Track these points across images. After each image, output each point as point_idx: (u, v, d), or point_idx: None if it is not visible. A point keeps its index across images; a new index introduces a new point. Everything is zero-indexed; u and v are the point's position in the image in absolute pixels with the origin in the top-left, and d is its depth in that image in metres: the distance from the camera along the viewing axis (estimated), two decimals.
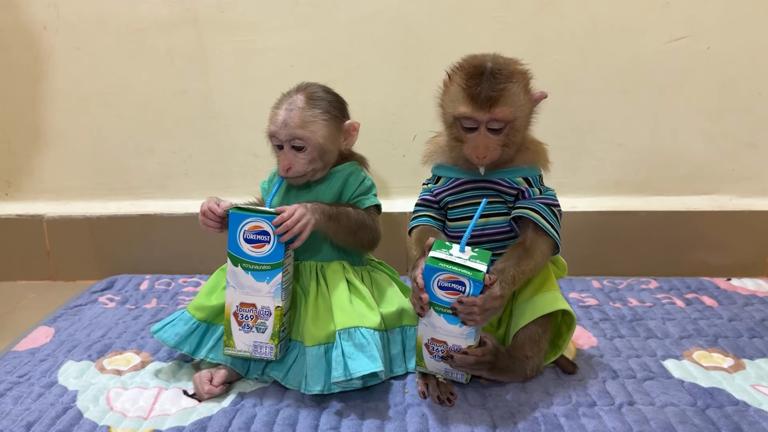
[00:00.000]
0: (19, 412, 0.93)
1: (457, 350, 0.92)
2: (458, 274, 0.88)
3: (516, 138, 0.97)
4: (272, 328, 0.96)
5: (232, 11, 1.43)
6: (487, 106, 0.92)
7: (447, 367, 0.94)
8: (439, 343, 0.93)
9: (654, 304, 1.30)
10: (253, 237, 0.95)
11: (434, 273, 0.89)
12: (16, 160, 1.56)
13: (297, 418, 0.91)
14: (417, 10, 1.41)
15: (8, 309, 1.40)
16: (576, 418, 0.90)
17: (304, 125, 1.01)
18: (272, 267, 0.95)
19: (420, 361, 0.96)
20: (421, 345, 0.95)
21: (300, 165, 1.02)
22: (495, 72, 0.92)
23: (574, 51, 1.42)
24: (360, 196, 1.08)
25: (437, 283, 0.89)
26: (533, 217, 0.96)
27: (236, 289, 0.97)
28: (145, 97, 1.50)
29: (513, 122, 0.94)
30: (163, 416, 0.92)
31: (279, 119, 1.01)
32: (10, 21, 1.46)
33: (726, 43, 1.40)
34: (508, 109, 0.93)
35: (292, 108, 1.01)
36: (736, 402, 0.94)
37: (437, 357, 0.94)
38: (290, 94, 1.04)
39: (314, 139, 1.01)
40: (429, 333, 0.93)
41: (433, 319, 0.92)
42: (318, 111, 1.02)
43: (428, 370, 0.96)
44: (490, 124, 0.94)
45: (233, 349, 0.98)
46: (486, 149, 0.95)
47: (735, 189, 1.49)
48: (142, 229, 1.53)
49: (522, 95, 0.94)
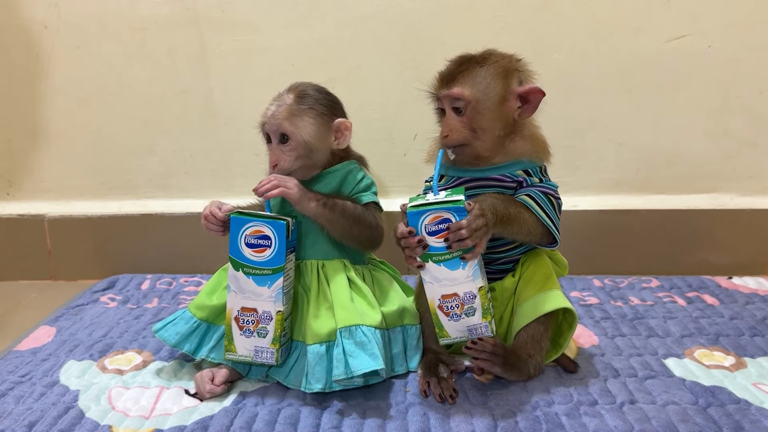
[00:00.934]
0: (21, 412, 0.93)
1: (471, 298, 0.91)
2: (440, 209, 0.88)
3: (482, 124, 0.96)
4: (273, 332, 0.96)
5: (232, 11, 1.43)
6: (446, 83, 0.96)
7: (469, 324, 0.93)
8: (451, 298, 0.92)
9: (655, 302, 1.30)
10: (254, 241, 0.95)
11: (419, 217, 0.89)
12: (17, 159, 1.56)
13: (298, 417, 0.91)
14: (417, 9, 1.41)
15: (9, 308, 1.40)
16: (577, 417, 0.90)
17: (290, 118, 1.01)
18: (273, 271, 0.95)
19: (441, 332, 0.94)
20: (435, 312, 0.93)
21: (286, 161, 1.02)
22: (468, 57, 0.96)
23: (575, 50, 1.42)
24: (357, 193, 1.07)
25: (425, 229, 0.89)
26: (526, 201, 0.95)
27: (237, 293, 0.97)
28: (145, 96, 1.50)
29: (473, 103, 0.94)
30: (165, 415, 0.92)
31: (268, 112, 1.03)
32: (11, 20, 1.46)
33: (727, 42, 1.40)
34: (467, 88, 0.94)
35: (281, 103, 1.03)
36: (737, 400, 0.94)
37: (455, 316, 0.93)
38: (283, 92, 1.06)
39: (298, 134, 1.01)
40: (437, 291, 0.92)
41: (435, 272, 0.91)
42: (305, 107, 1.02)
43: (452, 338, 0.94)
44: (452, 103, 0.96)
45: (234, 353, 0.98)
46: (449, 129, 0.96)
47: (736, 187, 1.49)
48: (143, 229, 1.53)
49: (491, 80, 0.95)
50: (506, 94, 0.96)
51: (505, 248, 1.02)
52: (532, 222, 0.95)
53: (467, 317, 0.92)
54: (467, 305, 0.92)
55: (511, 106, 0.97)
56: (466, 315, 0.92)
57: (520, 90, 0.96)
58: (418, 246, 0.90)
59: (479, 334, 0.94)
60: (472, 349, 0.95)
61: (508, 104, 0.97)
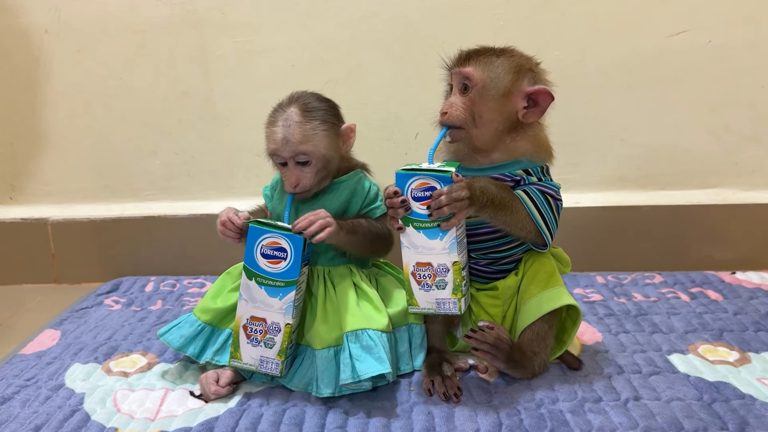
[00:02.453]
0: (27, 415, 0.93)
1: (443, 271, 0.92)
2: (428, 176, 0.89)
3: (483, 111, 0.95)
4: (280, 344, 0.96)
5: (232, 12, 1.43)
6: (461, 61, 0.96)
7: (438, 298, 0.93)
8: (425, 267, 0.92)
9: (658, 298, 1.30)
10: (270, 252, 0.95)
11: (406, 180, 0.90)
12: (19, 163, 1.56)
13: (303, 417, 0.91)
14: (417, 7, 1.41)
15: (14, 312, 1.40)
16: (582, 414, 0.90)
17: (306, 140, 0.98)
18: (286, 284, 0.95)
19: (410, 299, 0.95)
20: (408, 279, 0.94)
21: (306, 179, 1.01)
22: (488, 47, 0.98)
23: (575, 47, 1.41)
24: (370, 206, 1.07)
25: (411, 193, 0.90)
26: (521, 196, 0.95)
27: (248, 302, 0.96)
28: (147, 98, 1.50)
29: (479, 86, 0.94)
30: (170, 417, 0.93)
31: (278, 137, 0.98)
32: (12, 24, 1.46)
33: (727, 37, 1.39)
34: (479, 71, 0.95)
35: (289, 123, 0.98)
36: (742, 396, 0.94)
37: (425, 286, 0.93)
38: (283, 108, 1.00)
39: (317, 151, 0.99)
40: (413, 258, 0.93)
41: (413, 238, 0.92)
42: (316, 122, 0.99)
43: (420, 308, 0.95)
44: (461, 81, 0.96)
45: (239, 361, 0.97)
46: (449, 105, 0.96)
47: (738, 182, 1.49)
48: (146, 231, 1.53)
49: (502, 71, 0.95)
50: (513, 90, 0.96)
51: (507, 247, 1.02)
52: (525, 216, 0.95)
53: (437, 289, 0.93)
54: (439, 277, 0.92)
55: (516, 103, 0.96)
56: (436, 287, 0.93)
57: (528, 89, 0.96)
58: (401, 207, 0.90)
59: (447, 310, 0.94)
60: (473, 339, 0.96)
61: (513, 100, 0.96)
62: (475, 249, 1.01)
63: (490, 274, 1.04)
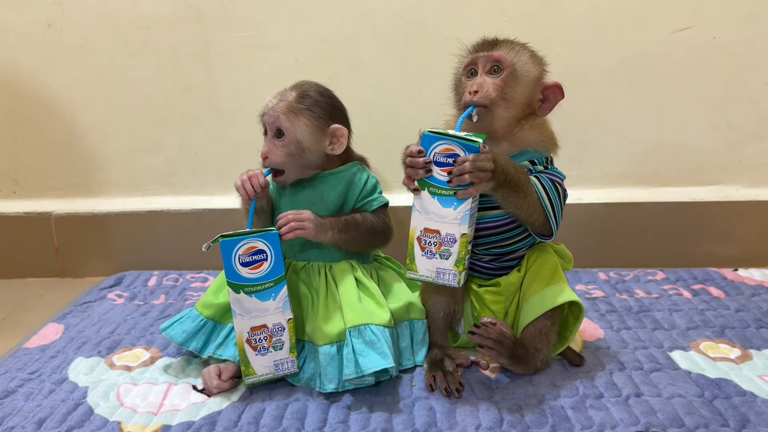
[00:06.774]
0: (31, 409, 0.94)
1: (451, 241, 0.91)
2: (455, 142, 0.88)
3: (514, 93, 0.95)
4: (289, 341, 0.97)
5: (235, 7, 1.43)
6: (488, 46, 0.97)
7: (439, 267, 0.92)
8: (432, 234, 0.92)
9: (660, 295, 1.30)
10: (249, 259, 0.94)
11: (432, 142, 0.89)
12: (23, 158, 1.57)
13: (306, 412, 0.92)
14: (420, 3, 1.40)
15: (18, 306, 1.41)
16: (583, 410, 0.90)
17: (287, 114, 1.01)
18: (275, 282, 0.95)
19: (410, 264, 0.94)
20: (413, 243, 0.93)
21: (277, 155, 1.02)
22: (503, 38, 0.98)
23: (578, 43, 1.41)
24: (366, 198, 1.08)
25: (434, 156, 0.89)
26: (534, 183, 0.95)
27: (243, 316, 0.95)
28: (150, 93, 1.50)
29: (511, 69, 0.94)
30: (173, 411, 0.93)
31: (269, 104, 1.04)
32: (15, 19, 1.46)
33: (731, 34, 1.39)
34: (511, 55, 0.95)
35: (282, 99, 1.03)
36: (743, 393, 0.94)
37: (429, 253, 0.92)
38: (287, 89, 1.06)
39: (293, 131, 1.01)
40: (422, 222, 0.92)
41: (427, 203, 0.91)
42: (303, 107, 1.02)
43: (419, 275, 0.94)
44: (490, 65, 0.95)
45: (254, 376, 0.97)
46: (480, 86, 0.95)
47: (741, 179, 1.49)
48: (149, 226, 1.54)
49: (529, 59, 0.96)
50: (540, 79, 0.97)
51: (512, 241, 1.01)
52: (536, 202, 0.95)
53: (440, 258, 0.92)
54: (444, 246, 0.92)
55: (537, 93, 0.98)
56: (440, 256, 0.92)
57: (546, 83, 0.97)
58: (423, 168, 0.89)
59: (445, 281, 0.93)
60: (476, 334, 0.96)
61: (537, 90, 0.97)
62: (480, 244, 1.01)
63: (492, 270, 1.04)
